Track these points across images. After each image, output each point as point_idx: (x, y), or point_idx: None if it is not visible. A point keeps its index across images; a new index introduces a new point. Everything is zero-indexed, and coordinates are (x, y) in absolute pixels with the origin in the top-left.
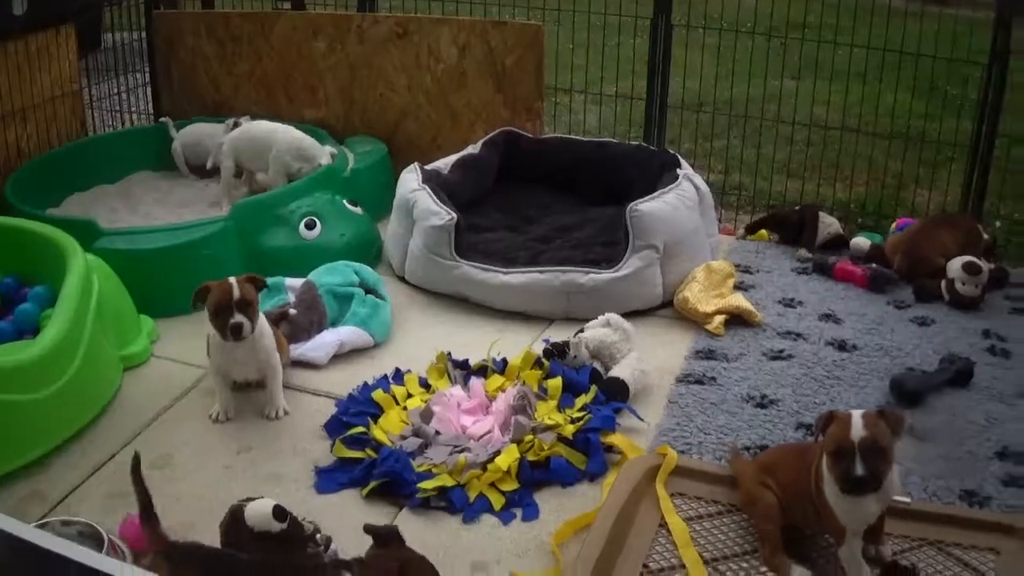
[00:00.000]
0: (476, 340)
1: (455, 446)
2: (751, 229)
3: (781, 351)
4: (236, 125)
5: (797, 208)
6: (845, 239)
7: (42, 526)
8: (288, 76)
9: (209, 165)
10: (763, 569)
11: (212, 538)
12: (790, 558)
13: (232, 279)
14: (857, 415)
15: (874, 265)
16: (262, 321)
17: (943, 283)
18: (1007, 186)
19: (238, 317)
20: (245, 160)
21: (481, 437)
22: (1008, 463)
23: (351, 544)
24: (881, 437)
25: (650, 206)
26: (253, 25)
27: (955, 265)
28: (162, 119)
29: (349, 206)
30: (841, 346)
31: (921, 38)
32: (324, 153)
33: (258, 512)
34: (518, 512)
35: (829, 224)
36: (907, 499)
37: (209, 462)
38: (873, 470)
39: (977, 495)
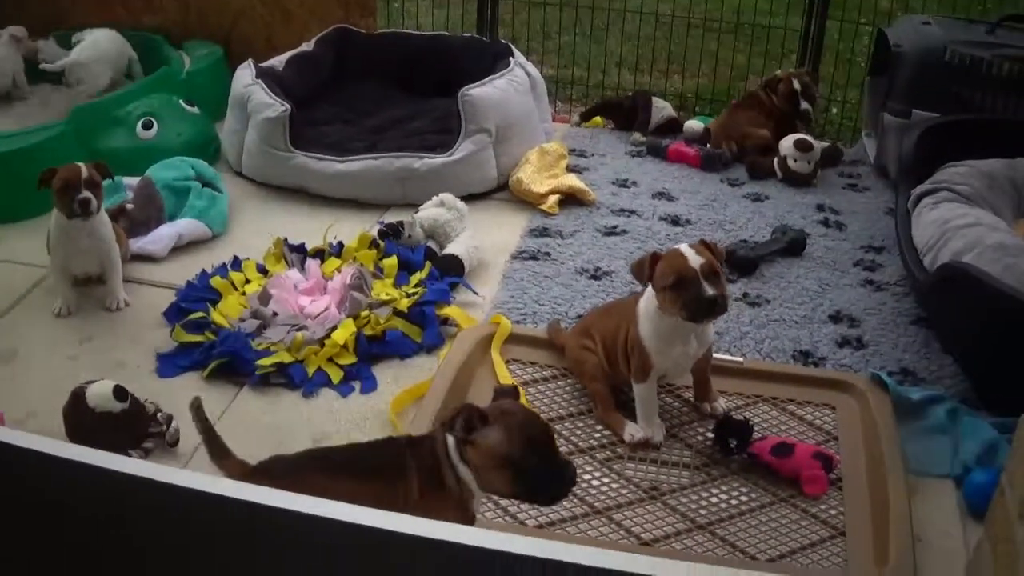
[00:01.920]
0: (314, 228)
1: (293, 325)
2: (585, 116)
3: (615, 227)
4: (15, 39)
5: (630, 95)
6: (679, 123)
7: None
8: None
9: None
10: (598, 427)
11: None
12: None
13: (80, 163)
14: (686, 247)
15: (708, 145)
16: (102, 212)
17: (775, 160)
18: (839, 72)
19: (86, 193)
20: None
21: (318, 315)
22: (842, 326)
23: (192, 423)
24: (715, 262)
25: (481, 91)
26: None
27: (787, 143)
28: None
29: (186, 106)
30: (675, 221)
31: None
32: None
33: (99, 393)
34: (357, 385)
35: (662, 108)
36: (740, 359)
37: (53, 354)
38: (720, 291)
39: (812, 356)
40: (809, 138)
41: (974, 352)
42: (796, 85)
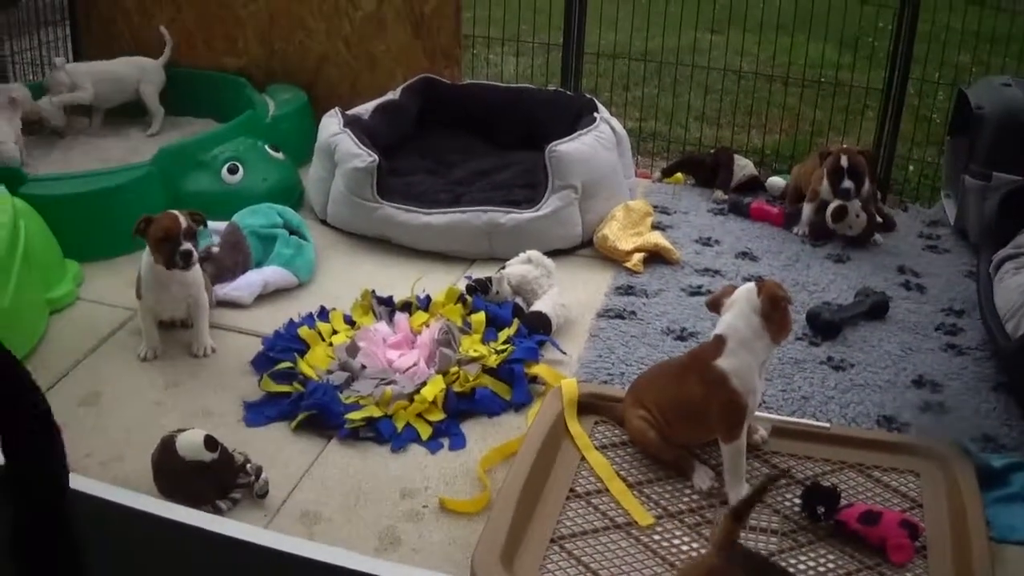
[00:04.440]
0: (399, 280)
1: (381, 379)
2: (667, 172)
3: (699, 287)
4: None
5: (712, 151)
6: (760, 181)
7: None
8: (207, 26)
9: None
10: (687, 491)
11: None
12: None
13: (176, 211)
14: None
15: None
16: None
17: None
18: (919, 130)
19: (187, 244)
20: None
21: (407, 370)
22: (925, 391)
23: (281, 474)
24: None
25: (568, 147)
26: None
27: (828, 210)
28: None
29: (271, 151)
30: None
31: None
32: None
33: (190, 442)
34: (445, 441)
35: (744, 166)
36: (827, 424)
37: (138, 398)
38: None
39: (896, 421)
40: (854, 205)
41: None
42: (844, 162)
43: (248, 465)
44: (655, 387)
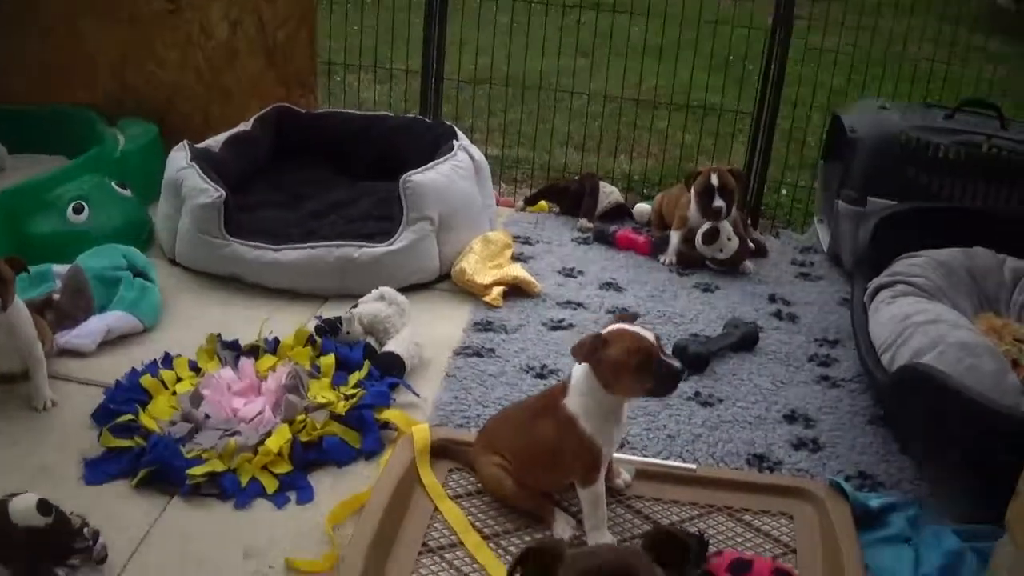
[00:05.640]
0: (250, 320)
1: (225, 429)
2: (531, 201)
3: (561, 321)
4: None
5: (576, 178)
6: (627, 208)
7: None
8: (58, 57)
9: None
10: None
11: None
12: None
13: None
14: (628, 327)
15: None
16: (20, 307)
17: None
18: (792, 154)
19: None
20: None
21: (252, 419)
22: (797, 426)
23: (122, 536)
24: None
25: (424, 177)
26: (18, 5)
27: (698, 235)
28: None
29: (118, 188)
30: None
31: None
32: None
33: (22, 507)
34: (292, 495)
35: (609, 193)
36: (693, 466)
37: None
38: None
39: (767, 459)
40: (725, 227)
41: (936, 456)
42: (714, 180)
43: (86, 529)
44: (508, 431)
